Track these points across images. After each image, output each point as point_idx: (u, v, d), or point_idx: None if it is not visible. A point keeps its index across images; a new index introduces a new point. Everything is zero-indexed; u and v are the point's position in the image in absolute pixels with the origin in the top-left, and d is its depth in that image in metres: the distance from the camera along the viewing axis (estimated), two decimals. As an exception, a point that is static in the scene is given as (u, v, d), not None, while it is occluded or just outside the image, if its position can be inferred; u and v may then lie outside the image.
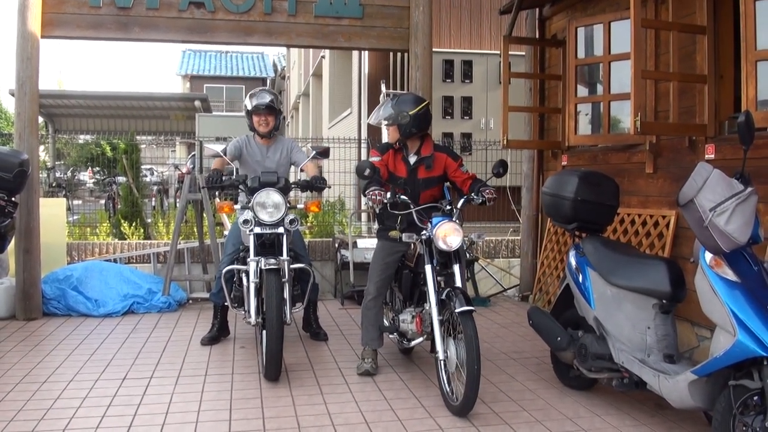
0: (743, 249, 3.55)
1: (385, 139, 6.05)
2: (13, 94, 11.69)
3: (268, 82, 39.45)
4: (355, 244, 8.12)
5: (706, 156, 5.16)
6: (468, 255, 8.41)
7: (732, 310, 3.41)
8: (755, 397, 3.38)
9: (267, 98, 5.65)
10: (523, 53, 8.18)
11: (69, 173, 21.78)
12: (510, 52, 7.38)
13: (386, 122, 4.97)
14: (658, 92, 5.81)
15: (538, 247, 8.00)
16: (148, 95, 16.32)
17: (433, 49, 7.74)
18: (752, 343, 3.30)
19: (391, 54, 12.72)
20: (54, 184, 16.52)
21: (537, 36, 7.86)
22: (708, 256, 3.57)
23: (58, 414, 4.15)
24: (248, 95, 5.77)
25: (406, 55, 8.56)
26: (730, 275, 3.49)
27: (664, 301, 4.01)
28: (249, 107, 5.68)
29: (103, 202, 15.47)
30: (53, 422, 4.01)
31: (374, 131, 11.09)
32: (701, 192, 3.45)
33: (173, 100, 16.88)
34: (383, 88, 11.19)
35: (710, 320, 3.61)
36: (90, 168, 25.71)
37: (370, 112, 12.86)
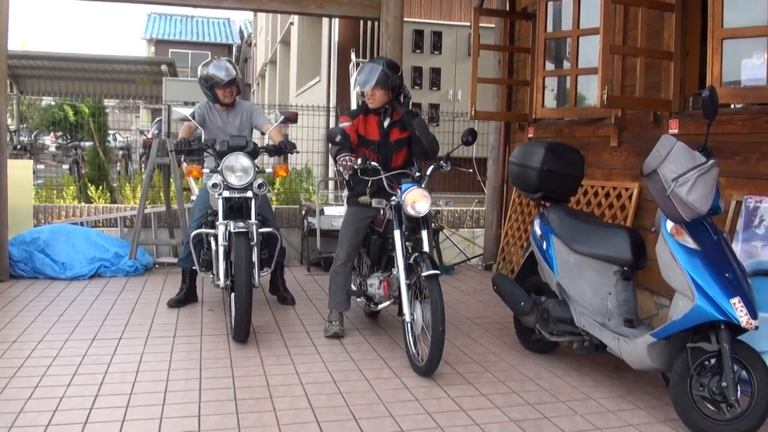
0: (704, 219, 3.69)
1: (354, 106, 6.10)
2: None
3: (234, 48, 39.04)
4: (322, 212, 8.17)
5: (671, 131, 5.28)
6: (433, 225, 8.53)
7: (691, 276, 3.56)
8: (712, 360, 3.54)
9: (231, 72, 5.62)
10: (493, 26, 8.25)
11: (32, 137, 21.41)
12: (480, 24, 7.43)
13: (380, 86, 4.95)
14: (625, 67, 5.91)
15: (502, 218, 8.13)
16: (115, 58, 16.08)
17: (404, 19, 7.77)
18: (710, 307, 3.45)
19: (361, 22, 12.71)
20: (18, 147, 16.25)
21: (507, 8, 7.92)
22: (669, 224, 3.71)
23: (29, 372, 4.18)
24: (203, 65, 5.70)
25: (376, 23, 8.57)
26: (691, 243, 3.63)
27: (625, 268, 4.15)
28: (212, 80, 5.62)
29: (66, 167, 15.28)
30: (25, 380, 4.04)
31: (344, 99, 11.10)
32: (664, 163, 3.57)
33: (139, 64, 16.64)
34: (353, 56, 11.18)
35: (670, 287, 3.76)
36: (53, 132, 25.27)
37: (339, 80, 12.87)
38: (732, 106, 4.89)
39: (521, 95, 7.75)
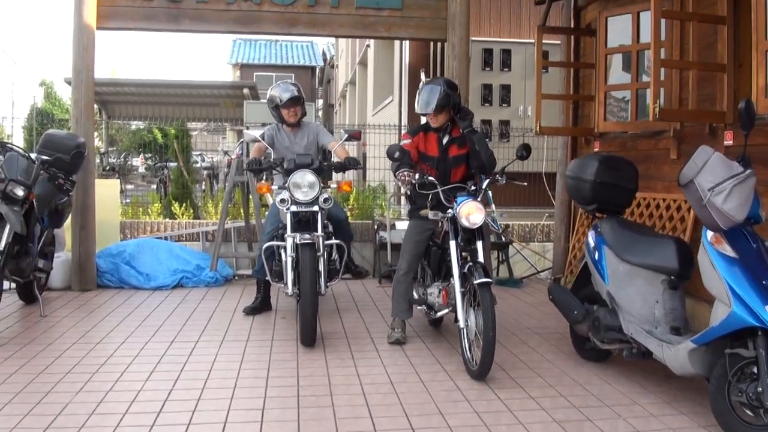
0: (743, 227, 3.79)
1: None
2: (69, 83, 12.26)
3: (317, 70, 39.94)
4: (393, 226, 8.47)
5: (725, 142, 5.37)
6: (503, 239, 8.72)
7: (728, 283, 3.67)
8: (751, 366, 3.64)
9: (294, 92, 6.02)
10: (560, 42, 8.41)
11: (121, 158, 22.49)
12: (548, 41, 7.63)
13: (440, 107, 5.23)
14: (682, 80, 6.01)
15: (570, 232, 8.24)
16: (199, 83, 16.81)
17: (473, 38, 8.07)
18: (746, 314, 3.56)
19: (431, 43, 13.02)
20: (107, 168, 17.19)
21: (572, 25, 8.07)
22: (709, 233, 3.84)
23: (111, 368, 4.60)
24: (271, 88, 6.14)
25: (444, 44, 8.86)
26: (729, 251, 3.74)
27: (672, 278, 4.27)
28: (277, 102, 6.03)
29: (154, 186, 16.08)
30: (107, 374, 4.46)
31: (414, 118, 11.42)
32: (701, 173, 3.72)
33: (223, 88, 17.34)
34: (423, 76, 11.50)
35: (711, 294, 3.88)
36: (142, 154, 26.44)
37: (410, 99, 13.20)
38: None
39: (587, 110, 7.87)
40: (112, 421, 3.67)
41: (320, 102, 41.54)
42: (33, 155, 6.16)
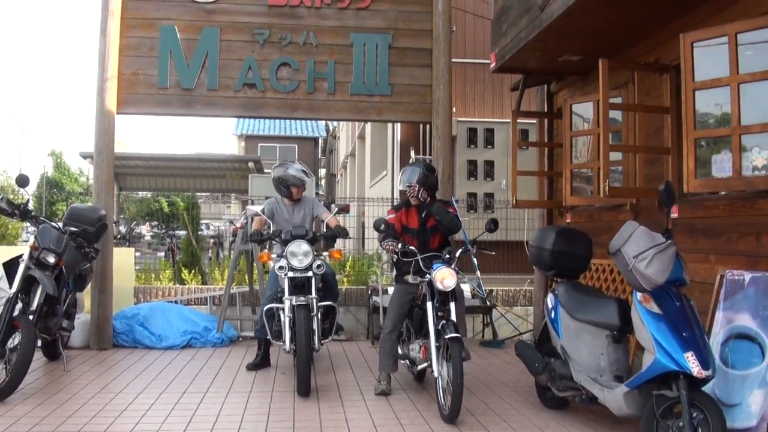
0: (668, 289, 4.53)
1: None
2: (84, 157, 13.15)
3: (320, 141, 41.09)
4: (385, 291, 9.17)
5: (672, 215, 6.13)
6: (488, 303, 9.42)
7: (653, 335, 4.40)
8: (674, 405, 4.34)
9: (303, 176, 6.86)
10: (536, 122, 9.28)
11: (129, 227, 23.34)
12: (529, 121, 8.47)
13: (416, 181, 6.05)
14: (642, 161, 6.81)
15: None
16: (206, 157, 17.83)
17: (459, 119, 8.96)
18: (668, 360, 4.28)
19: (420, 124, 14.00)
20: (118, 237, 18.01)
21: (545, 109, 8.95)
22: (639, 294, 4.58)
23: (131, 414, 5.29)
24: (277, 166, 6.98)
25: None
26: (655, 308, 4.48)
27: (614, 333, 4.99)
28: (289, 181, 6.83)
29: (160, 254, 16.86)
30: (127, 419, 5.16)
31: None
32: (627, 243, 4.49)
33: (228, 161, 18.33)
34: (412, 153, 12.40)
35: (642, 345, 4.60)
36: (148, 222, 27.31)
37: (402, 174, 14.13)
38: (720, 193, 5.72)
39: (559, 184, 8.68)
40: (135, 454, 4.36)
41: (323, 171, 42.62)
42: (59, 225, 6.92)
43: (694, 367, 4.21)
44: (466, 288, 9.16)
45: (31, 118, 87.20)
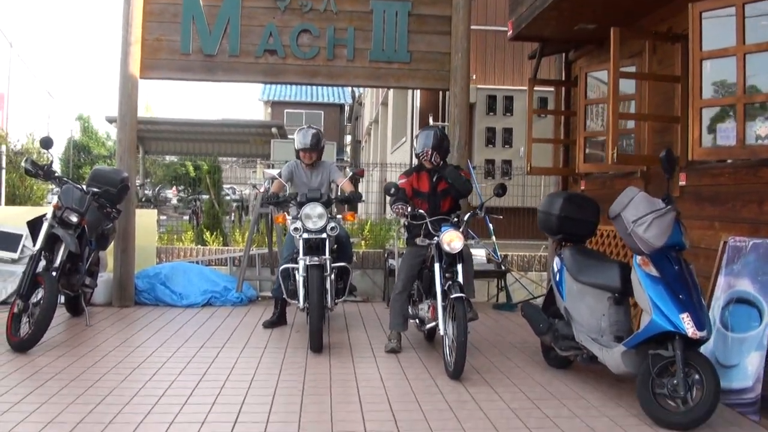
0: (667, 253, 4.67)
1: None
2: (110, 121, 13.40)
3: (345, 107, 41.18)
4: (401, 254, 9.35)
5: (680, 183, 6.24)
6: (502, 267, 9.58)
7: (651, 297, 4.55)
8: (669, 364, 4.50)
9: (310, 140, 7.01)
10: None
11: (156, 190, 23.68)
12: (547, 89, 8.55)
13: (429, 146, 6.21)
14: (652, 129, 6.89)
15: (561, 262, 9.08)
16: (230, 122, 18.01)
17: (478, 86, 9.06)
18: (664, 321, 4.43)
19: (439, 91, 14.07)
20: (143, 200, 18.33)
21: (563, 77, 9.02)
22: (638, 257, 4.72)
23: (149, 366, 5.55)
24: (297, 131, 7.15)
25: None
26: (653, 272, 4.62)
27: (616, 295, 5.13)
28: (297, 146, 7.04)
29: (185, 218, 17.17)
30: (145, 370, 5.42)
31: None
32: (626, 208, 4.62)
33: (252, 127, 18.50)
34: (431, 120, 12.49)
35: (640, 306, 4.75)
36: (174, 186, 27.66)
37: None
38: (727, 161, 5.82)
39: (575, 152, 8.76)
40: (151, 401, 4.60)
41: (348, 138, 42.72)
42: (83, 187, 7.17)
43: (689, 327, 4.35)
44: (481, 253, 9.34)
45: (60, 83, 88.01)
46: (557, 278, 5.69)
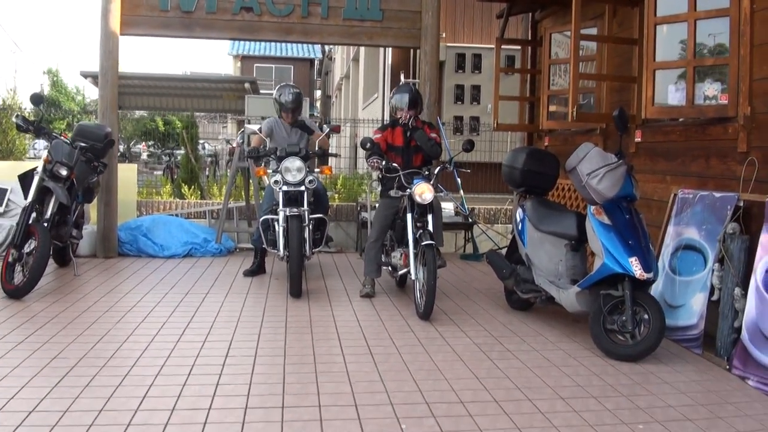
0: (619, 203, 5.12)
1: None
2: (85, 76, 13.54)
3: (315, 62, 41.16)
4: (373, 207, 9.73)
5: (636, 139, 6.68)
6: (470, 220, 10.03)
7: (603, 242, 5.01)
8: (619, 303, 4.97)
9: (292, 99, 7.35)
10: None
11: (127, 145, 23.76)
12: (515, 48, 8.89)
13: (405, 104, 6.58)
14: (611, 88, 7.31)
15: (526, 214, 9.56)
16: (203, 77, 18.17)
17: (448, 44, 9.42)
18: (613, 263, 4.90)
19: (410, 49, 14.38)
20: (117, 154, 18.47)
21: (529, 37, 9.38)
22: (592, 207, 5.17)
23: (139, 311, 5.92)
24: (277, 88, 7.47)
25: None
26: (606, 220, 5.08)
27: (572, 242, 5.59)
28: (279, 101, 7.37)
29: (157, 172, 17.38)
30: (137, 314, 5.79)
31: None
32: (581, 162, 5.06)
33: (225, 82, 18.67)
34: (402, 77, 12.82)
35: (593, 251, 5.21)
36: (144, 141, 27.70)
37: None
38: (679, 120, 6.27)
39: (539, 110, 9.18)
40: (146, 340, 5.00)
41: (318, 93, 42.75)
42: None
43: (636, 269, 4.83)
44: (449, 206, 9.78)
45: (27, 35, 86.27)
46: (519, 227, 6.13)
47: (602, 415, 3.83)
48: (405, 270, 6.41)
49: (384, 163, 6.34)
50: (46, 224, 6.63)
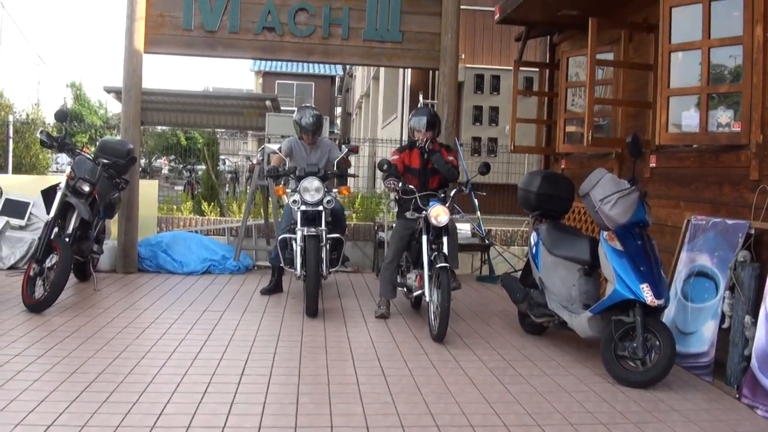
0: (631, 229, 5.16)
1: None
2: (108, 91, 13.74)
3: (336, 79, 41.41)
4: (391, 227, 9.84)
5: (650, 164, 6.73)
6: (486, 241, 10.08)
7: (615, 268, 5.05)
8: (630, 329, 5.01)
9: (312, 122, 7.42)
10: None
11: (148, 160, 24.01)
12: (533, 70, 8.98)
13: (423, 127, 6.67)
14: (626, 113, 7.37)
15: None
16: (225, 95, 18.30)
17: (467, 65, 9.50)
18: (624, 290, 4.94)
19: (429, 70, 14.52)
20: (139, 170, 18.69)
21: (547, 60, 9.46)
22: (605, 232, 5.22)
23: (158, 327, 6.03)
24: (297, 110, 7.57)
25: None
26: (618, 246, 5.13)
27: (585, 267, 5.64)
28: (299, 124, 7.44)
29: (178, 188, 17.57)
30: (155, 330, 5.90)
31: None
32: (594, 188, 5.12)
33: (246, 99, 18.79)
34: (421, 98, 12.94)
35: (606, 277, 5.26)
36: (165, 156, 27.95)
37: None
38: (693, 146, 6.30)
39: (556, 132, 9.24)
40: (163, 356, 5.10)
41: (338, 110, 42.98)
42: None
43: (648, 296, 4.86)
44: (466, 227, 9.84)
45: (51, 48, 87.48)
46: (533, 251, 6.19)
47: (610, 441, 3.88)
48: (420, 291, 6.46)
49: (400, 184, 6.43)
50: (67, 239, 6.76)
